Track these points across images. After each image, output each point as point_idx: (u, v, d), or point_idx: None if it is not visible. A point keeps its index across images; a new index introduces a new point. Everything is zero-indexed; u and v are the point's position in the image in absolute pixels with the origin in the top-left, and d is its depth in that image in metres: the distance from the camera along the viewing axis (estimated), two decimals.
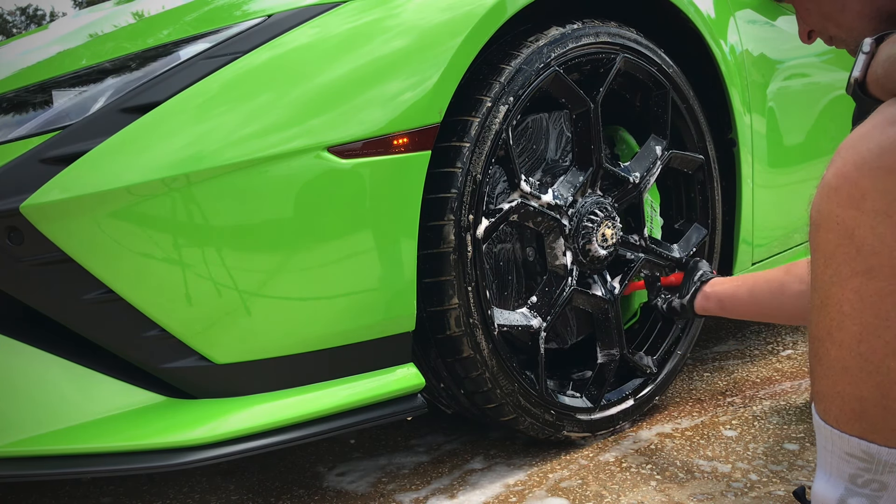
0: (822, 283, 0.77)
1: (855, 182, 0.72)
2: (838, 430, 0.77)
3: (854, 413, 0.76)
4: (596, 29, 1.39)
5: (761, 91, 1.68)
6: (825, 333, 0.77)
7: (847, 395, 0.76)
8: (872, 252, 0.72)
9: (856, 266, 0.73)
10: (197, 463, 1.06)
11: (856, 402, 0.75)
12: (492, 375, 1.28)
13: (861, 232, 0.72)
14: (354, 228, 1.12)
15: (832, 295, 0.75)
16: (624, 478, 1.29)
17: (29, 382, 1.07)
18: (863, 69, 0.79)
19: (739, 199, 1.66)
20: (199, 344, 1.08)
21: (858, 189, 0.72)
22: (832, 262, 0.75)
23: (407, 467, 1.41)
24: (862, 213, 0.72)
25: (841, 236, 0.73)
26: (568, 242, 1.40)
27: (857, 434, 0.76)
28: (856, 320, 0.74)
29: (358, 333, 1.16)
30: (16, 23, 35.59)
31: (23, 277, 1.03)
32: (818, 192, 0.76)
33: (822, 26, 1.02)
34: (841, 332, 0.75)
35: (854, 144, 0.74)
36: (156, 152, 1.02)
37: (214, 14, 1.24)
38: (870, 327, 0.73)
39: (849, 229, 0.73)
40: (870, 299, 0.73)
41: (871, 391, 0.74)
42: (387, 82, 1.13)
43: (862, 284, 0.73)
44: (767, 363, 1.84)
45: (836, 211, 0.74)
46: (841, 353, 0.75)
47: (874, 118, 0.74)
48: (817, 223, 0.76)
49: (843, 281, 0.74)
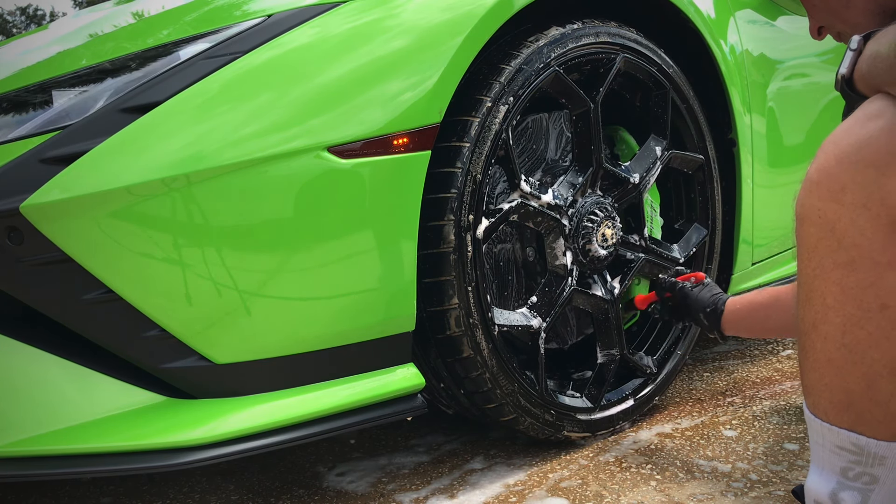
0: (806, 276, 0.78)
1: (835, 176, 0.73)
2: (827, 423, 0.78)
3: (842, 405, 0.76)
4: (596, 29, 1.39)
5: (761, 91, 1.68)
6: (810, 326, 0.78)
7: (834, 388, 0.77)
8: (853, 244, 0.73)
9: (837, 258, 0.74)
10: (197, 463, 1.06)
11: (843, 395, 0.76)
12: (492, 375, 1.28)
13: (841, 225, 0.73)
14: (354, 228, 1.12)
15: (816, 288, 0.76)
16: (624, 478, 1.29)
17: (29, 382, 1.07)
18: (850, 66, 0.80)
19: (739, 199, 1.66)
20: (199, 344, 1.08)
21: (838, 183, 0.73)
22: (815, 254, 0.76)
23: (407, 467, 1.41)
24: (842, 206, 0.73)
25: (822, 229, 0.74)
26: (568, 242, 1.40)
27: (846, 426, 0.77)
28: (839, 312, 0.75)
29: (358, 333, 1.16)
30: (16, 23, 35.60)
31: (23, 277, 1.03)
32: (802, 186, 0.77)
33: (830, 22, 1.02)
34: (825, 324, 0.76)
35: (835, 140, 0.75)
36: (156, 152, 1.02)
37: (214, 14, 1.24)
38: (853, 318, 0.74)
39: (830, 222, 0.74)
40: (851, 291, 0.74)
41: (857, 382, 0.75)
42: (387, 82, 1.13)
43: (844, 276, 0.74)
44: (767, 363, 1.84)
45: (818, 204, 0.75)
46: (826, 346, 0.76)
47: (855, 114, 0.75)
48: (801, 217, 0.77)
49: (826, 273, 0.75)
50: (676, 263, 1.56)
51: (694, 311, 1.40)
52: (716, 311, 1.35)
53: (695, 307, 1.39)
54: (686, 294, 1.41)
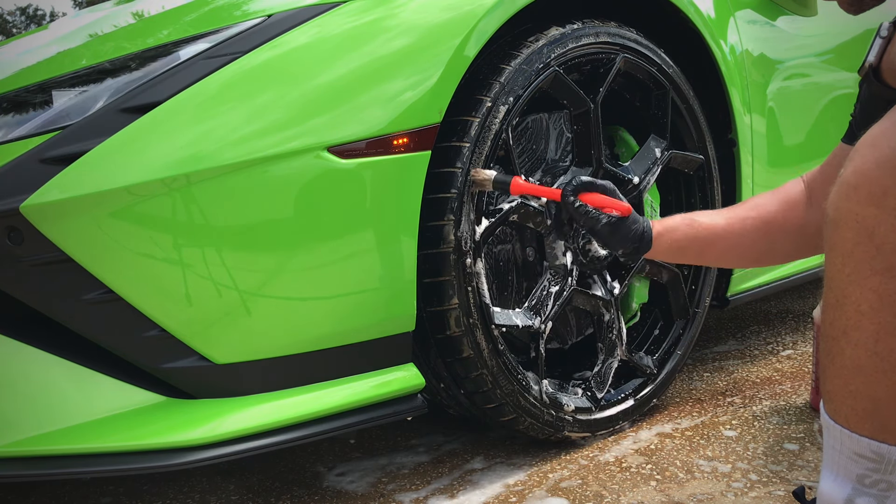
0: (838, 281, 0.75)
1: (876, 180, 0.71)
2: (848, 430, 0.77)
3: (866, 413, 0.75)
4: (596, 29, 1.39)
5: (761, 91, 1.68)
6: (840, 332, 0.76)
7: (860, 395, 0.75)
8: (893, 251, 0.71)
9: (875, 265, 0.72)
10: (197, 463, 1.06)
11: (868, 402, 0.75)
12: (492, 375, 1.28)
13: (882, 230, 0.71)
14: (354, 228, 1.12)
15: (849, 294, 0.74)
16: (624, 478, 1.29)
17: (29, 382, 1.07)
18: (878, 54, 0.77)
19: (739, 199, 1.66)
20: (199, 344, 1.08)
21: (880, 187, 0.70)
22: (850, 260, 0.74)
23: (407, 467, 1.41)
24: (883, 211, 0.70)
25: (860, 234, 0.72)
26: (568, 242, 1.40)
27: (868, 434, 0.75)
28: (873, 319, 0.73)
29: (358, 333, 1.16)
30: (16, 23, 35.60)
31: (23, 277, 1.03)
32: (836, 189, 0.75)
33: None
34: (857, 331, 0.74)
35: (874, 142, 0.72)
36: (156, 152, 1.02)
37: (214, 14, 1.24)
38: (888, 326, 0.72)
39: (869, 228, 0.72)
40: (889, 298, 0.72)
41: (886, 391, 0.74)
42: (387, 82, 1.13)
43: (882, 283, 0.72)
44: (767, 363, 1.84)
45: (856, 209, 0.72)
46: (856, 352, 0.74)
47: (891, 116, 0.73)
48: (835, 221, 0.75)
49: (862, 280, 0.73)
50: (676, 263, 1.56)
51: (613, 246, 1.19)
52: (639, 248, 1.17)
53: (614, 244, 1.18)
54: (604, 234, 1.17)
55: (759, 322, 2.23)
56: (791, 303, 2.43)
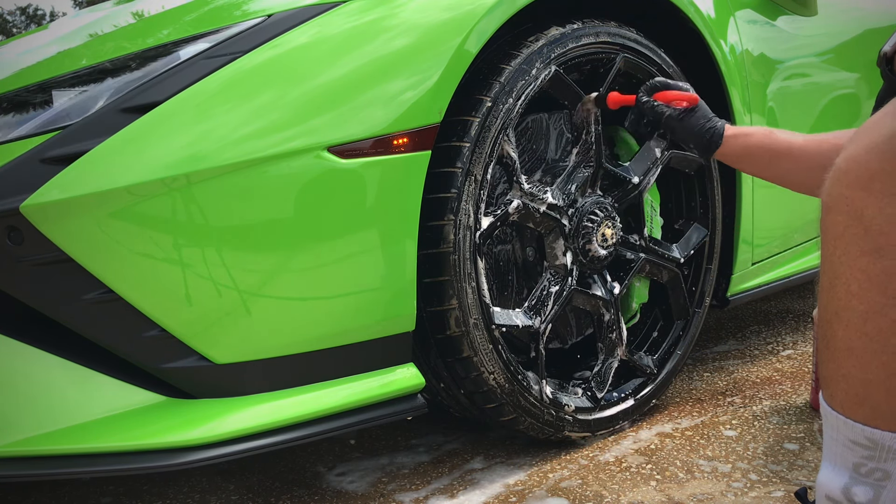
0: (830, 263, 0.77)
1: (864, 164, 0.73)
2: (843, 416, 0.78)
3: (858, 397, 0.76)
4: (596, 29, 1.39)
5: (761, 91, 1.68)
6: (833, 315, 0.77)
7: (852, 378, 0.76)
8: (880, 232, 0.72)
9: (864, 246, 0.73)
10: (197, 463, 1.06)
11: (860, 386, 0.76)
12: (492, 375, 1.28)
13: (869, 212, 0.72)
14: (354, 228, 1.12)
15: (840, 275, 0.76)
16: (624, 478, 1.29)
17: (29, 382, 1.07)
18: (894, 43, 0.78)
19: (739, 199, 1.66)
20: (199, 344, 1.08)
21: (867, 171, 0.72)
22: (840, 242, 0.75)
23: (407, 467, 1.41)
24: (870, 194, 0.72)
25: (850, 217, 0.74)
26: (568, 242, 1.40)
27: (861, 420, 0.76)
28: (862, 299, 0.74)
29: (358, 333, 1.16)
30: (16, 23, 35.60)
31: (23, 277, 1.03)
32: (829, 176, 0.77)
33: None
34: (847, 311, 0.75)
35: (867, 131, 0.74)
36: (156, 152, 1.02)
37: (214, 14, 1.24)
38: (876, 305, 0.73)
39: (857, 210, 0.73)
40: (877, 278, 0.73)
41: (877, 372, 0.74)
42: (387, 82, 1.13)
43: (870, 264, 0.73)
44: (767, 363, 1.84)
45: (846, 193, 0.74)
46: (847, 334, 0.76)
47: (886, 108, 0.75)
48: (828, 206, 0.76)
49: (852, 261, 0.74)
50: (676, 263, 1.56)
51: (683, 139, 1.29)
52: (710, 144, 1.25)
53: (683, 137, 1.28)
54: (673, 127, 1.27)
55: (759, 322, 2.23)
56: (791, 303, 2.43)
